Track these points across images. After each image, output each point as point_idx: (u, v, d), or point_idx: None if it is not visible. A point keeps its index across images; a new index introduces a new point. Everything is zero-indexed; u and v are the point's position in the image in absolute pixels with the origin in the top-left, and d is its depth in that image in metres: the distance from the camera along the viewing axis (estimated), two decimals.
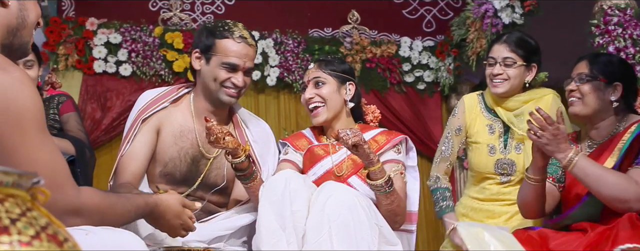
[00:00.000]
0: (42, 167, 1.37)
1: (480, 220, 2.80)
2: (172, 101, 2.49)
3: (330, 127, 2.55)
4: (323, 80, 2.51)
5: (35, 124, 1.38)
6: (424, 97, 5.48)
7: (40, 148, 1.38)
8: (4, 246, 0.71)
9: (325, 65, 2.54)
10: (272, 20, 5.26)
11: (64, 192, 1.42)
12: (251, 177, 2.27)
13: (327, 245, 2.01)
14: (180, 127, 2.44)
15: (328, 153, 2.49)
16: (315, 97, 2.50)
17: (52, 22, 4.82)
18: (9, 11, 1.52)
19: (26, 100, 1.37)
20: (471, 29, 4.76)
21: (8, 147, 1.35)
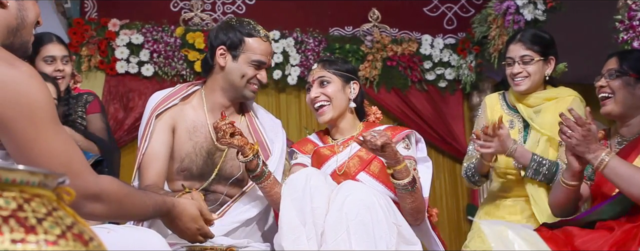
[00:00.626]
0: (59, 156, 1.40)
1: (502, 217, 2.79)
2: (183, 98, 2.54)
3: (336, 127, 2.58)
4: (328, 79, 2.52)
5: (47, 116, 1.41)
6: (445, 95, 5.46)
7: (54, 139, 1.41)
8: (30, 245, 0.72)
9: (330, 64, 2.56)
10: (293, 19, 5.27)
11: (82, 178, 1.44)
12: (262, 176, 2.28)
13: (345, 244, 2.01)
14: (193, 122, 2.49)
15: (334, 152, 2.50)
16: (321, 96, 2.51)
17: (75, 23, 4.87)
18: (8, 12, 1.55)
19: (37, 94, 1.39)
20: (493, 26, 4.73)
21: (24, 140, 1.38)
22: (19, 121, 1.37)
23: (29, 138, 1.38)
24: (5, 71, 1.38)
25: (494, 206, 2.87)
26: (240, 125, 2.54)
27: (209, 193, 2.46)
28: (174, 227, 1.85)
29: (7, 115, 1.37)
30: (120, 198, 1.54)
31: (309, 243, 2.06)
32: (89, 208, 1.46)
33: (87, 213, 1.46)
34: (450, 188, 5.50)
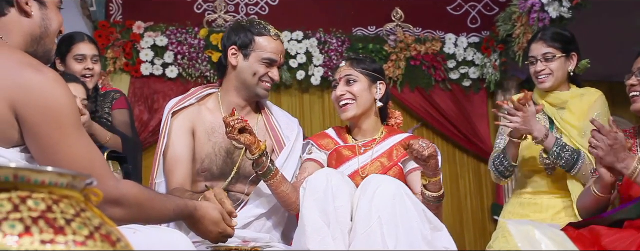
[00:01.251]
0: (81, 161, 1.44)
1: (526, 215, 2.78)
2: (199, 100, 2.60)
3: (358, 127, 2.58)
4: (355, 78, 2.53)
5: (72, 121, 1.44)
6: (469, 94, 5.42)
7: (78, 143, 1.45)
8: (59, 246, 0.72)
9: (358, 63, 2.57)
10: (316, 19, 5.27)
11: (103, 183, 1.45)
12: (269, 174, 2.30)
13: (376, 236, 2.01)
14: (211, 124, 2.54)
15: (355, 154, 2.51)
16: (347, 94, 2.53)
17: (100, 26, 4.92)
18: (33, 21, 1.60)
19: (63, 99, 1.43)
20: (517, 24, 4.69)
21: (48, 144, 1.41)
22: (45, 125, 1.40)
23: (53, 142, 1.41)
24: (32, 76, 1.41)
25: (518, 205, 2.86)
26: (258, 124, 2.59)
27: (230, 193, 2.49)
28: (196, 230, 1.87)
29: (33, 119, 1.40)
30: (140, 202, 1.57)
31: (335, 243, 2.05)
32: (109, 213, 1.46)
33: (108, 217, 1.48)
34: (474, 188, 5.47)
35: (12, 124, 1.42)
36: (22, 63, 1.43)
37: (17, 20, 1.58)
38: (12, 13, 1.58)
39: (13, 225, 0.71)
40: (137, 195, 1.56)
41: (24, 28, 1.59)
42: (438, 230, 2.16)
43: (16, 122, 1.42)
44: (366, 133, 2.57)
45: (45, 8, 1.63)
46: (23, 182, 0.75)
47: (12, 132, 1.43)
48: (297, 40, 5.15)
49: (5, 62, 1.42)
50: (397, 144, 2.49)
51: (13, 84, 1.40)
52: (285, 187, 2.33)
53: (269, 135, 2.59)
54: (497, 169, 2.83)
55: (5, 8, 1.57)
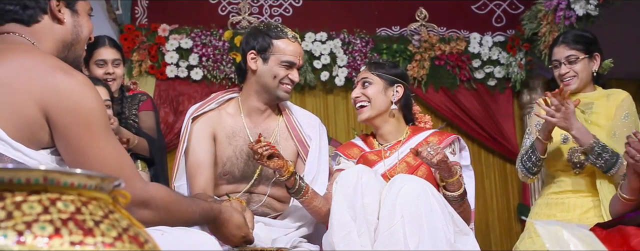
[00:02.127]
0: (110, 163, 1.46)
1: (553, 215, 2.76)
2: (219, 104, 2.62)
3: (380, 131, 2.61)
4: (370, 80, 2.57)
5: (101, 123, 1.47)
6: (494, 93, 5.39)
7: (107, 146, 1.47)
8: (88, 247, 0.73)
9: (375, 67, 2.62)
10: (340, 20, 5.27)
11: (131, 185, 1.47)
12: (300, 192, 2.32)
13: (399, 234, 2.01)
14: (231, 128, 2.56)
15: (381, 158, 2.53)
16: (361, 96, 2.58)
17: (126, 29, 4.96)
18: (65, 28, 1.64)
19: (92, 102, 1.46)
20: (543, 23, 4.65)
21: (78, 146, 1.44)
22: (74, 128, 1.43)
23: (82, 145, 1.44)
24: (63, 79, 1.44)
25: (544, 205, 2.85)
26: (279, 125, 2.61)
27: (253, 195, 2.53)
28: (219, 233, 1.87)
29: (63, 121, 1.43)
30: (167, 204, 1.58)
31: (360, 238, 2.07)
32: (138, 215, 1.48)
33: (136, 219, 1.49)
34: (500, 187, 5.43)
35: (42, 126, 1.44)
36: (53, 67, 1.46)
37: (49, 27, 1.62)
38: (45, 20, 1.61)
39: (43, 227, 0.72)
40: (164, 197, 1.57)
41: (56, 34, 1.63)
42: (464, 234, 2.15)
43: (46, 124, 1.45)
44: (389, 136, 2.60)
45: (76, 15, 1.66)
46: (52, 184, 0.76)
47: (42, 133, 1.45)
48: (321, 41, 5.15)
49: (36, 65, 1.45)
50: (423, 141, 2.49)
51: (44, 87, 1.42)
52: (317, 201, 2.35)
53: (290, 135, 2.61)
54: (525, 166, 2.80)
55: (39, 15, 1.60)
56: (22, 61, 1.46)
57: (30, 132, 1.44)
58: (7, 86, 1.43)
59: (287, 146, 2.59)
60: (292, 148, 2.60)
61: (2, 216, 0.72)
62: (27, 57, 1.47)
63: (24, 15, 1.59)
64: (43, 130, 1.45)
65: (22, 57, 1.47)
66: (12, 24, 1.59)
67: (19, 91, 1.42)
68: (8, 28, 1.60)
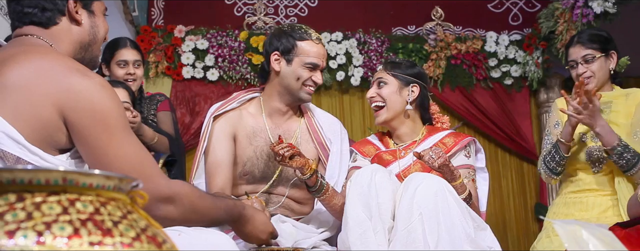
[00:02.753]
0: (131, 161, 1.47)
1: (571, 214, 2.74)
2: (241, 103, 2.62)
3: (396, 131, 2.59)
4: (385, 80, 2.55)
5: (119, 123, 1.48)
6: (511, 92, 5.36)
7: (126, 145, 1.47)
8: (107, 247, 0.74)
9: (391, 67, 2.59)
10: (355, 20, 5.26)
11: (155, 181, 1.49)
12: (321, 190, 2.31)
13: (417, 232, 2.00)
14: (252, 128, 2.56)
15: (396, 158, 2.51)
16: (376, 96, 2.56)
17: (142, 31, 4.99)
18: (82, 29, 1.66)
19: (109, 102, 1.47)
20: (560, 21, 4.61)
21: (98, 146, 1.45)
22: (93, 128, 1.44)
23: (102, 144, 1.44)
24: (80, 81, 1.45)
25: (562, 204, 2.83)
26: (300, 127, 2.60)
27: (271, 195, 2.53)
28: (244, 231, 1.86)
29: (82, 122, 1.44)
30: (192, 200, 1.57)
31: (376, 236, 2.06)
32: (163, 211, 1.49)
33: (162, 216, 1.50)
34: (517, 187, 5.40)
35: (59, 128, 1.45)
36: (70, 69, 1.47)
37: (67, 28, 1.64)
38: (62, 21, 1.63)
39: (63, 227, 0.72)
40: (188, 193, 1.57)
41: (73, 36, 1.65)
42: (482, 229, 2.14)
43: (64, 126, 1.46)
44: (405, 136, 2.58)
45: (93, 16, 1.68)
46: (71, 185, 0.77)
47: (59, 135, 1.46)
48: (337, 41, 5.15)
49: (53, 68, 1.46)
50: (439, 142, 2.49)
51: (61, 89, 1.44)
52: (337, 199, 2.34)
53: (311, 137, 2.60)
54: (548, 166, 2.77)
55: (57, 17, 1.62)
56: (40, 63, 1.47)
57: (48, 134, 1.45)
58: (24, 88, 1.44)
59: (307, 148, 2.58)
60: (312, 150, 2.59)
61: (22, 216, 0.72)
62: (44, 60, 1.48)
63: (42, 17, 1.61)
64: (60, 132, 1.46)
65: (40, 59, 1.48)
66: (31, 26, 1.61)
67: (36, 93, 1.43)
68: (26, 30, 1.62)
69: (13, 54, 1.50)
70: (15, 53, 1.50)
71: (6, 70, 1.46)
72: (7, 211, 0.73)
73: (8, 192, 0.75)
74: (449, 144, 2.48)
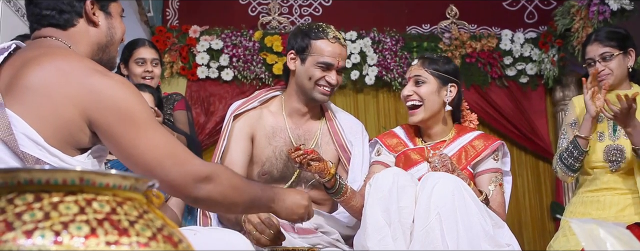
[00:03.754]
0: (163, 149, 1.48)
1: (588, 213, 2.72)
2: (262, 102, 2.60)
3: (426, 129, 2.52)
4: (424, 79, 2.44)
5: (144, 115, 1.49)
6: (526, 90, 5.33)
7: (155, 135, 1.49)
8: (124, 247, 0.74)
9: (429, 63, 2.47)
10: (370, 19, 5.26)
11: (190, 163, 1.51)
12: (340, 192, 2.27)
13: (435, 232, 1.98)
14: (272, 128, 2.54)
15: (423, 158, 2.44)
16: (414, 95, 2.45)
17: (157, 31, 5.02)
18: (99, 30, 1.68)
19: (131, 97, 1.49)
20: (576, 18, 4.58)
21: (127, 141, 1.47)
22: (119, 125, 1.46)
23: (131, 138, 1.47)
24: (100, 81, 1.47)
25: (579, 203, 2.81)
26: (321, 128, 2.58)
27: None
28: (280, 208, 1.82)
29: (107, 121, 1.46)
30: (230, 178, 1.59)
31: (395, 243, 2.03)
32: (205, 190, 1.52)
33: (204, 196, 1.53)
34: (533, 186, 5.37)
35: (81, 128, 1.48)
36: (90, 70, 1.49)
37: (84, 30, 1.66)
38: (80, 23, 1.65)
39: (79, 227, 0.73)
40: (224, 170, 1.60)
41: (91, 37, 1.67)
42: (499, 227, 2.12)
43: (86, 127, 1.48)
44: (435, 135, 2.51)
45: (110, 17, 1.70)
46: (88, 185, 0.77)
47: (81, 135, 1.49)
48: (351, 40, 5.15)
49: (74, 69, 1.48)
50: (468, 144, 2.44)
51: (82, 91, 1.46)
52: (356, 200, 2.30)
53: (332, 139, 2.58)
54: (565, 163, 2.74)
55: (75, 19, 1.64)
56: (60, 65, 1.49)
57: (69, 134, 1.47)
58: (46, 90, 1.46)
59: (328, 150, 2.56)
60: (333, 152, 2.57)
61: (39, 216, 0.73)
62: (64, 61, 1.50)
63: (60, 19, 1.63)
64: (82, 133, 1.48)
65: (60, 60, 1.50)
66: (49, 29, 1.63)
67: (58, 95, 1.45)
68: (45, 32, 1.64)
69: (34, 56, 1.52)
70: (36, 55, 1.52)
71: (28, 71, 1.48)
72: (25, 211, 0.73)
73: (26, 192, 0.76)
74: (478, 148, 2.43)
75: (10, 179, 0.77)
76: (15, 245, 0.70)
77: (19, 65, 1.52)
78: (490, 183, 2.37)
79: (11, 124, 1.43)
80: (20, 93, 1.47)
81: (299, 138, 2.53)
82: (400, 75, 5.04)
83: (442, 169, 2.17)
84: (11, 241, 0.70)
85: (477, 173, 2.42)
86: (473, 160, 2.41)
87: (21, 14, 2.87)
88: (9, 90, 1.49)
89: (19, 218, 0.73)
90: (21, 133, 1.43)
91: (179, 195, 1.53)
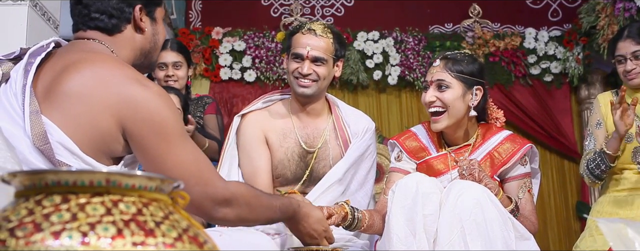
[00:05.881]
0: (189, 167, 1.49)
1: (616, 213, 2.69)
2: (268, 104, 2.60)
3: (449, 133, 2.36)
4: (447, 83, 2.25)
5: (176, 131, 1.50)
6: (551, 89, 5.28)
7: (184, 152, 1.49)
8: (150, 247, 0.74)
9: (453, 64, 2.27)
10: (392, 19, 5.24)
11: (213, 185, 1.51)
12: (358, 226, 2.19)
13: (459, 245, 1.93)
14: (282, 130, 2.53)
15: (448, 167, 2.32)
16: (437, 101, 2.27)
17: (181, 33, 5.05)
18: (145, 36, 1.67)
19: (167, 111, 1.49)
20: (601, 16, 4.53)
21: (156, 154, 1.47)
22: (151, 138, 1.47)
23: (160, 152, 1.47)
24: (138, 91, 1.47)
25: (606, 203, 2.77)
26: (328, 126, 2.55)
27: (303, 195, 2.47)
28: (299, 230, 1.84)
29: (140, 132, 1.46)
30: (249, 200, 1.59)
31: None
32: (222, 213, 1.53)
33: (219, 218, 1.55)
34: (558, 185, 5.31)
35: (116, 138, 1.48)
36: (129, 78, 1.49)
37: (130, 36, 1.65)
38: (127, 29, 1.64)
39: (106, 228, 0.74)
40: (244, 194, 1.59)
41: (136, 43, 1.66)
42: (525, 239, 2.06)
43: (121, 136, 1.48)
44: (459, 139, 2.36)
45: (155, 23, 1.70)
46: (114, 186, 0.78)
47: (115, 145, 1.49)
48: (373, 40, 5.14)
49: (112, 77, 1.48)
50: (493, 149, 2.32)
51: (120, 99, 1.46)
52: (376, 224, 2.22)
53: (337, 136, 2.54)
54: (593, 173, 2.69)
55: (123, 25, 1.63)
56: (100, 72, 1.49)
57: (104, 143, 1.48)
58: (84, 98, 1.46)
59: (336, 145, 2.53)
60: (338, 149, 2.54)
61: (67, 217, 0.74)
62: (104, 68, 1.50)
63: (108, 24, 1.62)
64: (117, 142, 1.49)
65: (100, 67, 1.50)
66: (95, 32, 1.62)
67: (95, 104, 1.45)
68: (90, 34, 1.63)
69: (74, 61, 1.52)
70: (77, 60, 1.52)
71: (67, 77, 1.48)
72: (52, 212, 0.74)
73: (53, 194, 0.77)
74: (505, 154, 2.30)
75: (38, 181, 0.78)
76: (44, 245, 0.71)
77: (59, 69, 1.51)
78: (519, 190, 2.28)
79: (47, 132, 1.43)
80: (58, 100, 1.47)
81: (308, 137, 2.51)
82: (423, 75, 4.98)
83: (469, 178, 2.09)
84: (39, 242, 0.71)
85: (506, 180, 2.33)
86: (500, 168, 2.29)
87: (47, 17, 2.91)
88: (47, 96, 1.49)
89: (47, 219, 0.73)
90: (57, 142, 1.43)
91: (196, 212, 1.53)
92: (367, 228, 2.21)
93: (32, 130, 1.42)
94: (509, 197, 2.20)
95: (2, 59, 1.60)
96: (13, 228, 0.73)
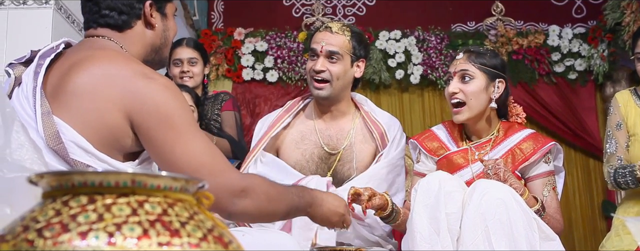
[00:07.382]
0: (201, 157, 1.46)
1: (637, 212, 2.63)
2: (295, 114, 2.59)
3: (471, 125, 2.38)
4: (471, 74, 2.28)
5: (184, 120, 1.47)
6: (575, 87, 5.22)
7: (195, 141, 1.47)
8: (175, 247, 0.75)
9: (476, 57, 2.31)
10: (414, 18, 5.23)
11: (227, 175, 1.47)
12: (395, 220, 2.23)
13: (484, 245, 1.92)
14: (300, 133, 2.53)
15: (468, 161, 2.33)
16: (460, 93, 2.29)
17: (203, 34, 5.08)
18: (155, 32, 1.68)
19: (173, 101, 1.48)
20: (627, 12, 4.47)
21: (165, 145, 1.45)
22: (159, 129, 1.45)
23: (170, 143, 1.45)
24: (143, 84, 1.47)
25: (634, 201, 2.72)
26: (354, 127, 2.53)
27: None
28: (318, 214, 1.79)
29: (148, 124, 1.46)
30: (266, 190, 1.54)
31: None
32: (240, 206, 1.48)
33: (239, 212, 1.49)
34: (583, 184, 5.25)
35: (126, 132, 1.48)
36: (135, 73, 1.49)
37: (141, 32, 1.66)
38: (137, 25, 1.65)
39: (132, 228, 0.74)
40: (261, 183, 1.55)
41: (146, 39, 1.67)
42: (550, 240, 2.03)
43: (131, 130, 1.48)
44: (480, 132, 2.37)
45: (166, 19, 1.70)
46: (140, 187, 0.78)
47: (126, 139, 1.49)
48: (395, 39, 5.13)
49: (119, 72, 1.49)
50: (515, 147, 2.31)
51: (126, 93, 1.46)
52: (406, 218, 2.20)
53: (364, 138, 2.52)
54: (618, 184, 2.64)
55: (133, 21, 1.64)
56: (105, 69, 1.49)
57: (115, 139, 1.48)
58: (91, 95, 1.47)
59: (363, 148, 2.51)
60: (368, 150, 2.51)
61: (93, 218, 0.74)
62: (110, 64, 1.50)
63: (119, 20, 1.62)
64: (127, 137, 1.49)
65: (106, 64, 1.50)
66: (105, 29, 1.63)
67: (102, 100, 1.46)
68: (100, 32, 1.63)
69: (81, 59, 1.53)
70: (83, 58, 1.53)
71: (74, 76, 1.49)
72: (79, 212, 0.75)
73: (80, 194, 0.77)
74: (527, 151, 2.30)
75: (65, 182, 0.78)
76: (71, 245, 0.71)
77: (66, 68, 1.52)
78: (544, 187, 2.27)
79: (59, 132, 1.44)
80: (66, 99, 1.48)
81: (330, 138, 2.50)
82: (446, 74, 4.98)
83: (494, 177, 2.08)
84: (67, 243, 0.72)
85: (530, 178, 2.32)
86: (521, 164, 2.29)
87: (71, 20, 2.94)
88: (55, 95, 1.50)
89: (74, 219, 0.74)
90: (70, 141, 1.44)
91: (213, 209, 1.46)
92: (401, 223, 2.22)
93: (45, 131, 1.43)
94: (534, 197, 2.18)
95: (15, 63, 1.61)
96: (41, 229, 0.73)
